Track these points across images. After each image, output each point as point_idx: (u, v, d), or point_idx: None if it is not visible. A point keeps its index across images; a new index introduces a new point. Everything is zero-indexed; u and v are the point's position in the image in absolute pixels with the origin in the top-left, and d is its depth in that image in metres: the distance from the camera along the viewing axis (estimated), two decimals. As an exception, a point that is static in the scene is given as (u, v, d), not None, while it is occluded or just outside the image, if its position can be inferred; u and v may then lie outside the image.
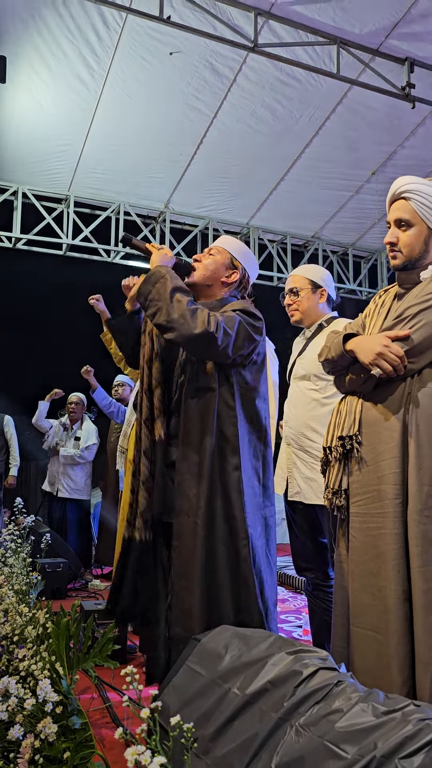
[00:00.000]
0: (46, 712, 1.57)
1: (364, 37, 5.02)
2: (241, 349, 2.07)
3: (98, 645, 2.12)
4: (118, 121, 5.74)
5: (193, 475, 2.05)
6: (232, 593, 1.99)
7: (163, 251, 2.19)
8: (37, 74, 5.20)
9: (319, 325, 2.85)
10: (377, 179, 6.66)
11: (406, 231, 1.88)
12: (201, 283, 2.25)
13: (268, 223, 7.60)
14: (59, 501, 5.94)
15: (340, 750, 1.13)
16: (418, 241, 1.87)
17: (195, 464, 2.06)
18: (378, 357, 1.77)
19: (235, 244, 2.32)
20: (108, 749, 2.06)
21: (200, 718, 1.45)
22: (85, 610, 3.26)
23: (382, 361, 1.77)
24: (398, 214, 1.89)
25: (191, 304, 2.01)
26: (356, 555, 1.80)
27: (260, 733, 1.30)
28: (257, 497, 2.13)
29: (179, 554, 2.04)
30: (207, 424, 2.06)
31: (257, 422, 2.15)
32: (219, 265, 2.26)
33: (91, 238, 6.89)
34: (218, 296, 2.26)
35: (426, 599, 1.62)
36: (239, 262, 2.28)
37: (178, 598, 2.01)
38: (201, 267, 2.26)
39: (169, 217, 7.23)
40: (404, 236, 1.88)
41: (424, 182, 1.88)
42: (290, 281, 2.91)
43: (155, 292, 2.03)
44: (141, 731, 1.05)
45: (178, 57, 5.09)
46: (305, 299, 2.85)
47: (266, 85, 5.45)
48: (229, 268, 2.26)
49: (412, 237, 1.87)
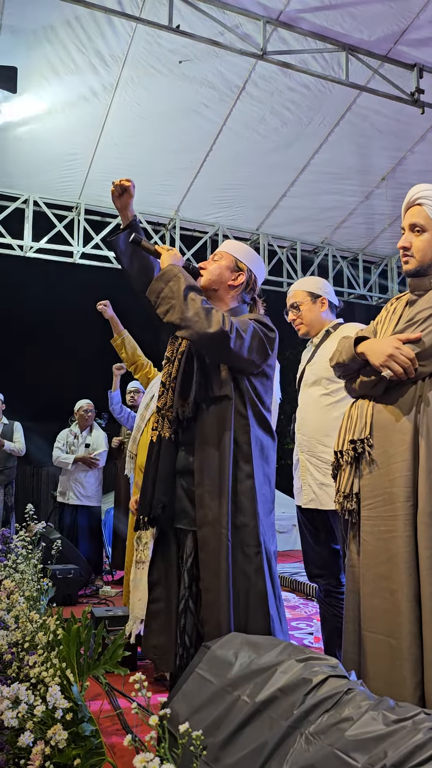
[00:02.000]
0: (57, 718, 1.57)
1: (373, 44, 5.03)
2: (254, 353, 2.05)
3: (108, 652, 2.12)
4: (128, 129, 5.78)
5: (215, 485, 2.03)
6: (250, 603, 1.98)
7: (173, 252, 2.19)
8: (48, 84, 5.25)
9: (326, 332, 2.86)
10: (387, 185, 6.65)
11: (419, 236, 1.90)
12: (208, 287, 2.24)
13: (277, 230, 7.61)
14: (70, 508, 5.95)
15: (350, 758, 1.12)
16: (431, 247, 1.88)
17: (215, 475, 2.04)
18: (389, 359, 1.78)
19: (238, 247, 2.31)
20: (118, 757, 2.06)
21: (210, 726, 1.45)
22: (96, 616, 3.27)
23: (392, 363, 1.77)
24: (412, 219, 1.91)
25: (205, 303, 2.01)
26: (368, 558, 1.79)
27: (270, 741, 1.29)
28: (268, 503, 2.13)
29: (206, 566, 2.01)
30: (225, 434, 2.05)
31: (267, 430, 2.15)
32: (224, 269, 2.24)
33: (101, 245, 6.93)
34: (226, 301, 2.26)
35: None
36: (244, 264, 2.26)
37: (209, 613, 1.97)
38: (206, 272, 2.25)
39: (179, 224, 7.26)
40: (417, 241, 1.90)
41: None
42: (290, 297, 2.96)
43: (168, 290, 2.02)
44: (150, 738, 1.05)
45: (188, 65, 5.12)
46: (307, 311, 2.89)
47: (275, 92, 5.47)
48: (235, 270, 2.25)
49: (425, 242, 1.89)
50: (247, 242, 7.71)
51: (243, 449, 2.05)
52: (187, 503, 2.12)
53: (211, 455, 2.06)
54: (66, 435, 6.13)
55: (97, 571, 5.91)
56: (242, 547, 2.01)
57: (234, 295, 2.25)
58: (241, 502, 2.03)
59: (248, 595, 1.99)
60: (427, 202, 1.89)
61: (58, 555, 3.93)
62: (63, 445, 6.05)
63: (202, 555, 2.02)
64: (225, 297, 2.25)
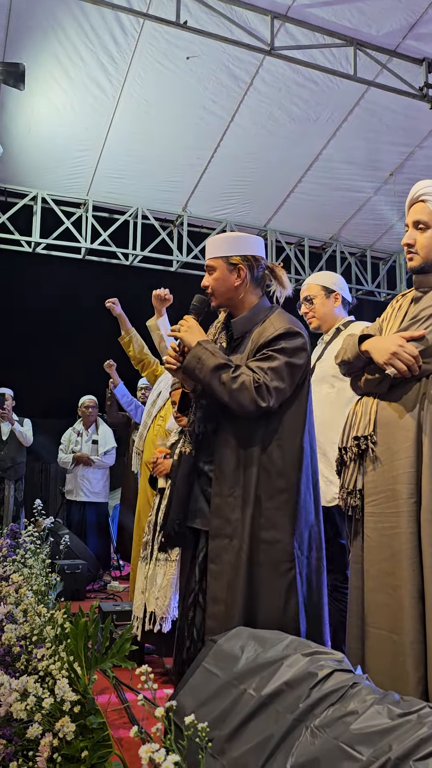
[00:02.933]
0: (65, 711, 1.59)
1: (381, 38, 5.00)
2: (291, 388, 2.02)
3: (116, 646, 2.13)
4: (135, 125, 5.78)
5: (236, 497, 1.99)
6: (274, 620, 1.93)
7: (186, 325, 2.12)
8: (55, 81, 5.27)
9: (337, 329, 2.88)
10: (395, 180, 6.62)
11: (423, 233, 1.89)
12: (222, 303, 2.19)
13: (285, 226, 7.59)
14: (78, 504, 5.97)
15: (355, 752, 1.13)
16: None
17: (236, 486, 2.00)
18: (392, 357, 1.78)
19: (218, 245, 2.18)
20: (126, 749, 2.08)
21: (216, 719, 1.46)
22: (104, 611, 3.29)
23: (396, 361, 1.77)
24: (416, 216, 1.91)
25: (234, 381, 1.96)
26: (371, 555, 1.80)
27: (275, 735, 1.30)
28: (310, 514, 2.05)
29: (217, 578, 1.99)
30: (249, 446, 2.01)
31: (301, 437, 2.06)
32: (224, 277, 2.14)
33: (109, 242, 6.94)
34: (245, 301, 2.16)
35: None
36: (236, 257, 2.14)
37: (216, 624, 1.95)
38: (213, 291, 2.17)
39: (186, 220, 7.25)
40: (421, 238, 1.90)
41: None
42: (304, 290, 2.97)
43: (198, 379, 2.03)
44: (156, 730, 1.06)
45: (195, 61, 5.12)
46: (320, 305, 2.90)
47: (283, 87, 5.46)
48: (232, 270, 2.14)
49: (429, 239, 1.89)
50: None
51: (276, 462, 1.99)
52: (204, 503, 2.10)
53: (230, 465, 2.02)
54: (69, 435, 6.12)
55: (106, 567, 5.93)
56: (273, 563, 1.96)
57: (246, 291, 2.16)
58: (271, 516, 1.97)
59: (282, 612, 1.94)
60: (430, 198, 1.88)
61: (66, 550, 3.95)
62: (65, 446, 6.05)
63: (212, 566, 2.00)
64: (241, 299, 2.16)
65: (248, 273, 2.14)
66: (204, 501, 2.11)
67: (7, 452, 6.14)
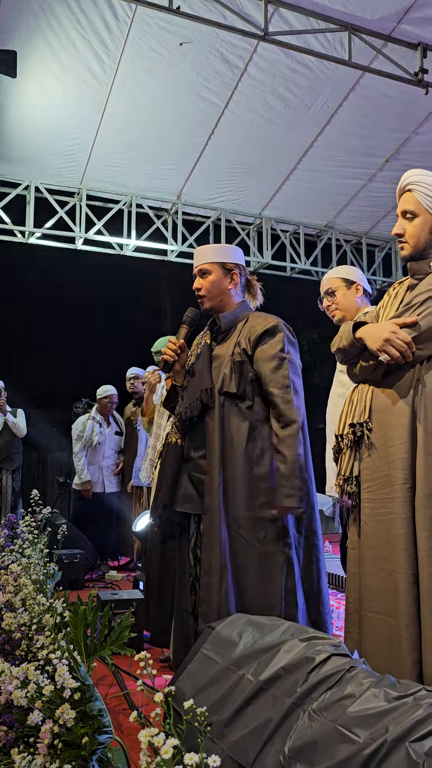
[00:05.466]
0: (65, 698, 1.60)
1: (376, 23, 4.96)
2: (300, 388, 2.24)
3: (115, 633, 2.15)
4: (128, 113, 5.73)
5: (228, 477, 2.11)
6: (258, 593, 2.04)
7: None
8: (48, 68, 5.21)
9: None
10: (390, 167, 6.59)
11: (411, 222, 1.93)
12: (214, 305, 2.37)
13: (280, 213, 7.56)
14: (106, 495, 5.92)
15: (352, 734, 1.15)
16: (423, 231, 1.91)
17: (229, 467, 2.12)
18: (385, 343, 1.80)
19: (214, 251, 2.40)
20: (126, 735, 2.10)
21: (215, 704, 1.48)
22: (102, 599, 3.30)
23: (389, 347, 1.79)
24: (404, 206, 1.94)
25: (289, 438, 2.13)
26: (367, 540, 1.83)
27: (274, 719, 1.31)
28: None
29: (207, 549, 2.10)
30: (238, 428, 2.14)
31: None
32: (219, 280, 2.35)
33: (103, 231, 6.91)
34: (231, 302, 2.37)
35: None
36: (230, 263, 2.36)
37: (207, 594, 2.06)
38: (206, 294, 2.36)
39: (181, 209, 7.22)
40: (410, 227, 1.93)
41: (428, 174, 1.92)
42: (324, 285, 2.99)
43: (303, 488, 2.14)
44: (155, 715, 1.07)
45: (188, 47, 5.07)
46: (342, 297, 2.92)
47: (277, 73, 5.41)
48: (227, 275, 2.35)
49: (417, 227, 1.91)
50: (250, 226, 7.68)
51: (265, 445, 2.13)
52: (192, 489, 2.17)
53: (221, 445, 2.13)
54: (86, 425, 5.89)
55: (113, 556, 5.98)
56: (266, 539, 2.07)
57: (235, 294, 2.37)
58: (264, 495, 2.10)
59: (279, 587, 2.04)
60: (416, 187, 1.91)
61: (63, 540, 3.96)
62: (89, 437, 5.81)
63: (205, 539, 2.11)
64: (228, 301, 2.37)
65: (240, 279, 2.38)
66: (192, 486, 2.18)
67: (2, 443, 6.15)
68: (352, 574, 1.90)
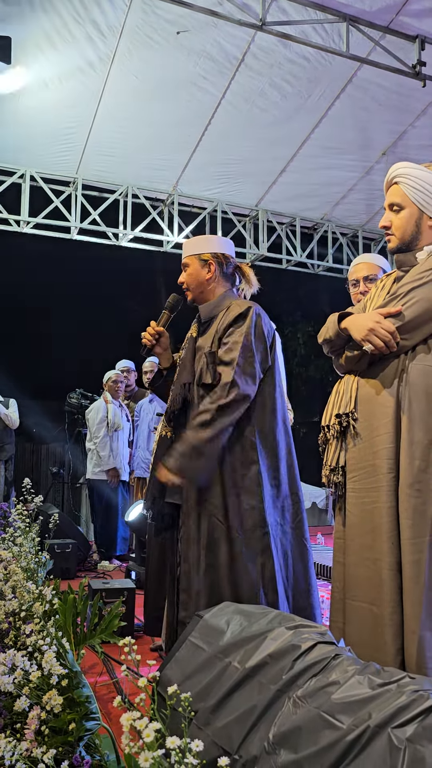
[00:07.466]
0: (52, 684, 1.61)
1: (374, 14, 4.93)
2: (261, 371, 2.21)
3: (105, 622, 2.16)
4: (125, 102, 5.69)
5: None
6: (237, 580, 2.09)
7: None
8: (43, 55, 5.16)
9: None
10: (387, 159, 6.57)
11: (397, 214, 1.94)
12: (197, 297, 2.42)
13: (276, 206, 7.54)
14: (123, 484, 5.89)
15: (336, 720, 1.15)
16: (409, 223, 1.92)
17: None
18: (369, 333, 1.81)
19: (193, 245, 2.45)
20: (114, 723, 2.11)
21: (201, 691, 1.48)
22: (93, 588, 3.31)
23: (373, 337, 1.80)
24: (390, 199, 1.96)
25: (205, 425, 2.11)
26: (353, 529, 1.85)
27: (259, 705, 1.32)
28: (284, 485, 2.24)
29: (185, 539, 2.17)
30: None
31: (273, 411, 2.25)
32: (196, 273, 2.40)
33: (99, 221, 6.87)
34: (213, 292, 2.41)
35: (414, 571, 1.68)
36: (206, 254, 2.40)
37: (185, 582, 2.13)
38: (188, 286, 2.42)
39: (177, 199, 7.18)
40: (396, 219, 1.94)
41: (414, 166, 1.93)
42: (363, 269, 2.90)
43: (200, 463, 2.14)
44: (140, 700, 1.08)
45: (186, 36, 5.03)
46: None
47: (275, 64, 5.38)
48: (204, 266, 2.39)
49: (403, 219, 1.93)
50: (246, 218, 7.66)
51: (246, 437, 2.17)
52: None
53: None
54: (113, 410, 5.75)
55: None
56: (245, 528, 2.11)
57: (216, 283, 2.40)
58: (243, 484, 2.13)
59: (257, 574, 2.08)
60: (403, 180, 1.92)
61: (55, 529, 3.97)
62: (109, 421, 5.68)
63: (183, 528, 2.18)
64: (210, 291, 2.41)
65: (217, 268, 2.40)
66: None
67: (-6, 434, 6.14)
68: (337, 563, 1.91)
